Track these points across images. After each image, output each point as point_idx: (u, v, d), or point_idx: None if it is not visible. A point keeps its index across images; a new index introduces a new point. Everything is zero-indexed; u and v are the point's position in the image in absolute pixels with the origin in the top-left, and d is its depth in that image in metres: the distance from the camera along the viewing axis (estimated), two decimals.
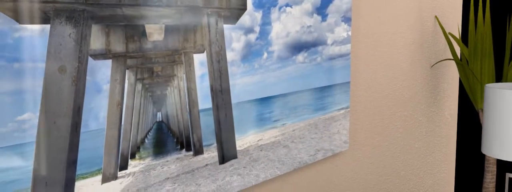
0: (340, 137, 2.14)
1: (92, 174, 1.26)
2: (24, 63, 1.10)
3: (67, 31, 1.17)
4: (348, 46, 2.13)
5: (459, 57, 3.19)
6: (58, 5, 1.13)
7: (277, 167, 1.83)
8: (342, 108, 2.15)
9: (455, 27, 3.09)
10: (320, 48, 1.97)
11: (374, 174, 2.48)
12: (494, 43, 3.28)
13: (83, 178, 1.24)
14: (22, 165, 1.12)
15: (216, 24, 1.53)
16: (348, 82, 2.16)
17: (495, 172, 2.91)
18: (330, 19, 2.01)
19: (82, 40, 1.20)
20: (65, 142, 1.19)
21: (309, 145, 1.98)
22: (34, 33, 1.11)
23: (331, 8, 2.00)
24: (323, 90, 2.03)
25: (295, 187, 2.00)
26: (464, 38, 3.19)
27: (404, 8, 2.59)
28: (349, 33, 2.13)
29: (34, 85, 1.12)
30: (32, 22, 1.10)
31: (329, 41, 2.01)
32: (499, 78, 3.27)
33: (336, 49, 2.06)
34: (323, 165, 2.14)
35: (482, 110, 2.79)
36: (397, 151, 2.66)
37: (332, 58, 2.04)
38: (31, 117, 1.12)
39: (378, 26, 2.39)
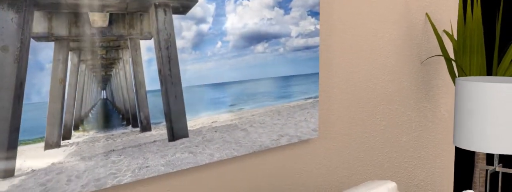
0: (307, 125, 2.27)
1: (34, 141, 1.45)
2: None
3: (10, 16, 1.36)
4: (317, 39, 2.25)
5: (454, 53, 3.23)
6: None
7: (234, 149, 1.98)
8: (310, 98, 2.27)
9: (449, 23, 3.15)
10: (283, 40, 2.11)
11: (350, 163, 2.58)
12: (486, 40, 3.31)
13: (26, 143, 1.43)
14: None
15: (165, 14, 1.70)
16: (317, 73, 2.28)
17: (484, 168, 2.94)
18: (294, 13, 2.14)
19: (25, 24, 1.39)
20: (8, 112, 1.39)
21: (271, 130, 2.12)
22: None
23: (295, 2, 2.14)
24: (287, 80, 2.16)
25: (257, 169, 2.14)
26: None
27: (390, 5, 2.68)
28: (317, 26, 2.25)
29: None
30: None
31: (293, 34, 2.15)
32: (490, 74, 3.30)
33: (301, 42, 2.19)
34: (290, 151, 2.27)
35: None
36: (379, 143, 2.75)
37: (297, 49, 2.17)
38: None
39: (357, 21, 2.50)
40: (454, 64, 3.14)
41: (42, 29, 1.43)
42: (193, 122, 1.83)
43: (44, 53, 1.44)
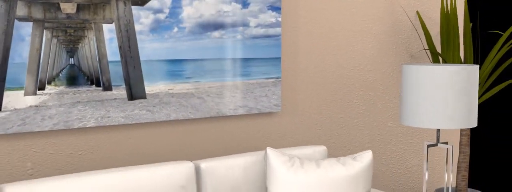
0: (269, 100, 2.75)
1: (16, 89, 2.14)
2: None
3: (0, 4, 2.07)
4: (278, 29, 2.74)
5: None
6: None
7: (190, 112, 2.54)
8: (272, 78, 2.75)
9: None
10: (240, 28, 2.63)
11: (319, 138, 2.99)
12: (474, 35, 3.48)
13: (10, 90, 2.13)
14: None
15: (125, 5, 2.33)
16: (279, 58, 2.76)
17: (467, 151, 3.18)
18: (253, 7, 2.65)
19: (10, 10, 2.10)
20: None
21: (229, 101, 2.64)
22: None
23: None
24: (247, 61, 2.67)
25: (214, 132, 2.67)
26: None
27: (375, 2, 3.07)
28: (279, 19, 2.73)
29: None
30: None
31: (252, 24, 2.66)
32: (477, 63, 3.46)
33: (261, 31, 2.69)
34: (252, 121, 2.76)
35: None
36: (359, 127, 3.11)
37: (256, 37, 2.68)
38: None
39: (325, 15, 2.93)
40: (440, 58, 3.38)
41: (23, 13, 2.13)
42: (151, 88, 2.43)
43: (24, 30, 2.13)
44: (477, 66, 2.49)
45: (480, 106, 3.75)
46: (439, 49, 3.39)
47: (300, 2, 2.84)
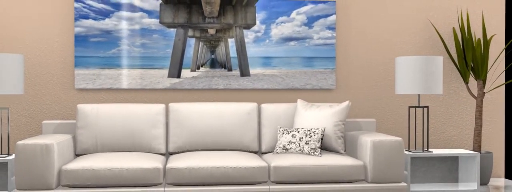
0: (326, 81, 4.69)
1: (186, 68, 4.68)
2: None
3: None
4: (333, 40, 4.70)
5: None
6: None
7: (274, 85, 4.68)
8: (328, 68, 4.69)
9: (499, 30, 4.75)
10: (307, 40, 4.69)
11: (359, 108, 4.73)
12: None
13: (184, 69, 4.68)
14: None
15: (239, 29, 4.69)
16: (334, 57, 4.70)
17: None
18: (316, 28, 4.69)
19: (185, 32, 4.68)
20: (178, 59, 4.68)
21: (300, 80, 4.68)
22: None
23: (316, 23, 4.69)
24: (311, 59, 4.69)
25: (287, 97, 4.71)
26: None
27: (411, 20, 4.75)
28: (334, 34, 4.70)
29: None
30: None
31: (315, 38, 4.69)
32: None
33: (321, 42, 4.69)
34: (315, 93, 4.71)
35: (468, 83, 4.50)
36: (391, 106, 4.73)
37: (317, 45, 4.69)
38: None
39: (371, 32, 4.74)
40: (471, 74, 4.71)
41: (190, 33, 4.68)
42: (252, 71, 4.68)
43: (190, 41, 4.68)
44: (441, 57, 4.06)
45: None
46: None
47: (350, 24, 4.75)
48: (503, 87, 4.90)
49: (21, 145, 3.50)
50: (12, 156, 3.99)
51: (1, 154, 4.02)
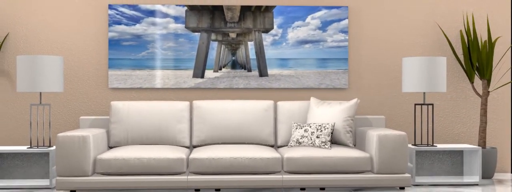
0: (340, 81, 5.04)
1: (210, 69, 5.10)
2: None
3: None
4: (346, 43, 5.04)
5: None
6: None
7: (290, 84, 5.05)
8: (341, 69, 5.04)
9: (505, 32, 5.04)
10: (321, 43, 5.05)
11: (370, 107, 5.06)
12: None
13: (207, 70, 5.09)
14: None
15: (258, 33, 5.08)
16: (346, 58, 5.04)
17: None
18: (329, 31, 5.05)
19: (208, 36, 5.10)
20: (202, 60, 5.10)
21: (314, 80, 5.04)
22: None
23: (330, 27, 5.05)
24: (325, 60, 5.05)
25: (302, 95, 5.08)
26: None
27: (420, 25, 5.07)
28: (346, 37, 5.05)
29: None
30: None
31: (328, 40, 5.05)
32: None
33: (334, 44, 5.05)
34: (329, 92, 5.07)
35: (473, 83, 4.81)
36: (400, 104, 5.04)
37: (331, 47, 5.05)
38: None
39: (380, 35, 5.07)
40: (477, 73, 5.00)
41: (213, 37, 5.09)
42: (270, 71, 5.07)
43: (213, 44, 5.09)
44: (444, 58, 4.39)
45: None
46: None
47: (362, 28, 5.09)
48: (509, 85, 5.17)
49: (61, 136, 3.96)
50: (53, 148, 4.45)
51: (43, 145, 4.49)
